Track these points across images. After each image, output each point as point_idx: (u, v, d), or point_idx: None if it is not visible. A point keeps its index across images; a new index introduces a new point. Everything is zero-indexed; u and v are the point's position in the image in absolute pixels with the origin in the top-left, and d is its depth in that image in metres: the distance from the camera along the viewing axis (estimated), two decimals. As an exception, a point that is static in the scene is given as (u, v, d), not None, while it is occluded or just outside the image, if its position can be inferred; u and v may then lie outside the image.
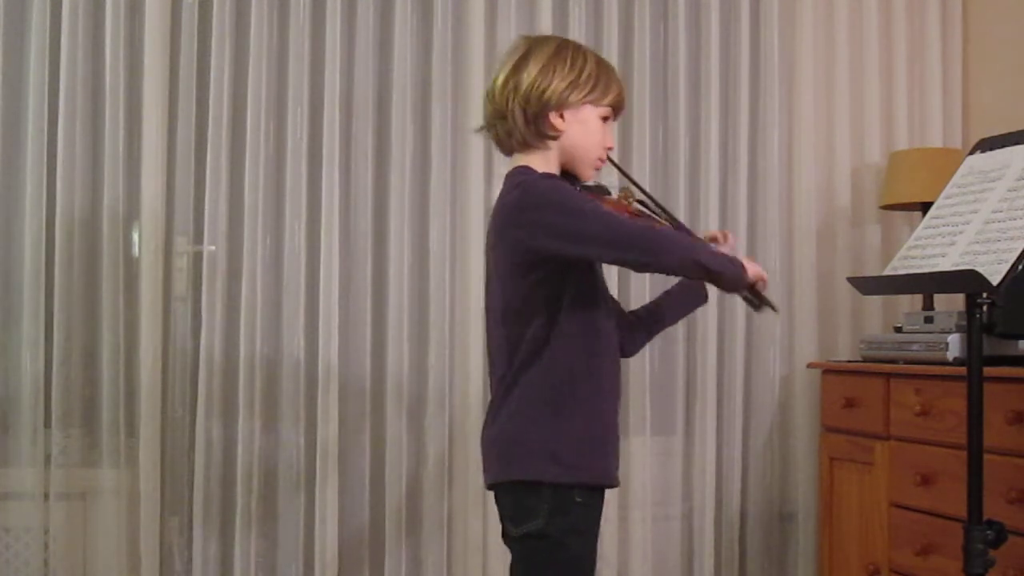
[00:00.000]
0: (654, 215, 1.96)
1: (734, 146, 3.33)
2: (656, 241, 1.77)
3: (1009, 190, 1.86)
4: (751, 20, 3.35)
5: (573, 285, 1.83)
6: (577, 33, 3.20)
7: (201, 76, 3.02)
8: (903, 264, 1.98)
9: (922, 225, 2.02)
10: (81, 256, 2.94)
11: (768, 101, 3.35)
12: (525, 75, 1.84)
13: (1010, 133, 1.98)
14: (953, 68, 3.44)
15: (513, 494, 1.83)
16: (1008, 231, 1.78)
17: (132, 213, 3.00)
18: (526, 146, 1.88)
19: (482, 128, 1.95)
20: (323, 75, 3.07)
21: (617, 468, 1.91)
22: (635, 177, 2.23)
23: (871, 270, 3.31)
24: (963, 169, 2.02)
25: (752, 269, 1.85)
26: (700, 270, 1.80)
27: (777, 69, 3.34)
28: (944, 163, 2.96)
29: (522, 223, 1.79)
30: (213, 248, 3.03)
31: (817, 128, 3.37)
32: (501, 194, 1.89)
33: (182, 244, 3.05)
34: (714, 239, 2.03)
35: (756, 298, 1.90)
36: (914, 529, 2.67)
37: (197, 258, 3.04)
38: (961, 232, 1.88)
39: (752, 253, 3.33)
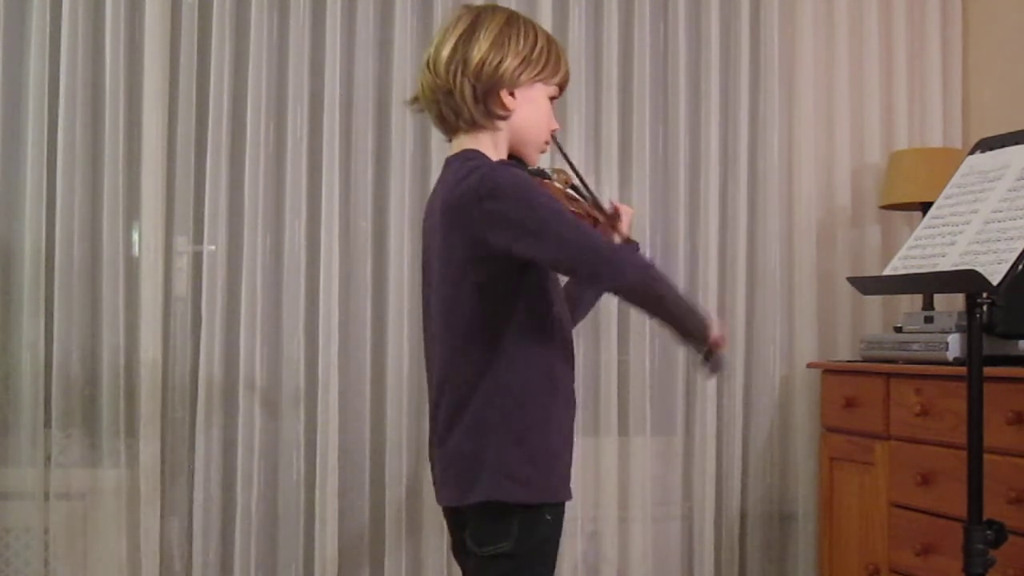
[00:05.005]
0: (584, 199, 1.87)
1: (734, 146, 3.33)
2: (618, 260, 1.66)
3: (1009, 190, 1.85)
4: (751, 20, 3.35)
5: (529, 282, 1.70)
6: (577, 33, 3.20)
7: (201, 76, 3.02)
8: (903, 264, 1.98)
9: (922, 225, 2.02)
10: (81, 256, 2.94)
11: (768, 101, 3.34)
12: (475, 48, 1.70)
13: (1010, 133, 1.98)
14: (953, 68, 3.44)
15: (479, 516, 1.71)
16: (1008, 231, 1.78)
17: (132, 213, 3.00)
18: (474, 126, 1.75)
19: (416, 101, 1.81)
20: (323, 75, 3.07)
21: (569, 478, 1.78)
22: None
23: (871, 270, 3.31)
24: (963, 169, 2.02)
25: (717, 330, 1.71)
26: (657, 306, 1.68)
27: (777, 69, 3.34)
28: (944, 163, 2.96)
29: (481, 211, 1.64)
30: (213, 248, 3.03)
31: (817, 128, 3.36)
32: (449, 179, 1.74)
33: (182, 244, 3.05)
34: (618, 212, 1.89)
35: (709, 360, 1.73)
36: (914, 529, 2.67)
37: (197, 258, 3.04)
38: (961, 232, 1.88)
39: (752, 253, 3.33)
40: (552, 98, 1.81)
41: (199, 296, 3.01)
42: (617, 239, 1.89)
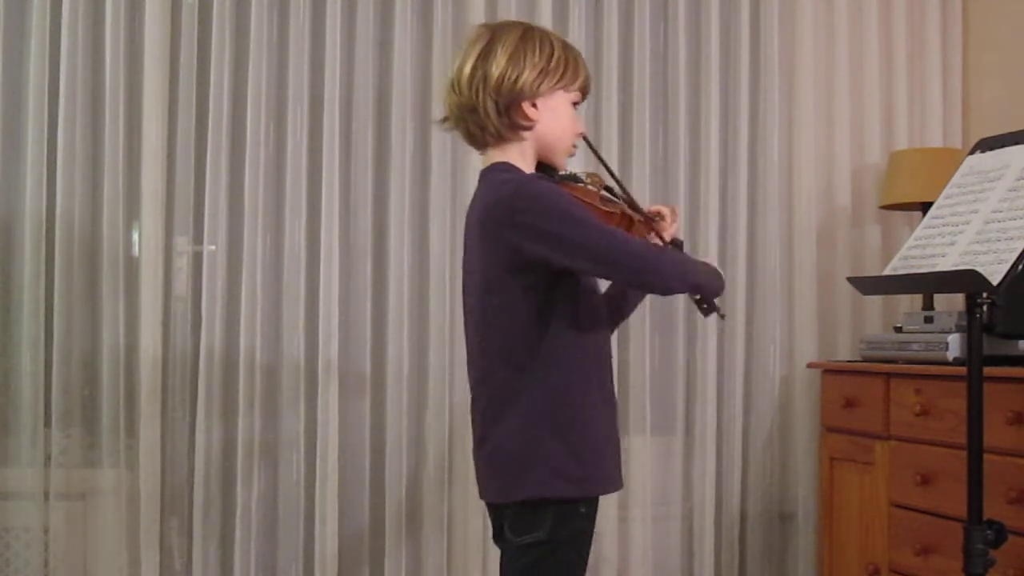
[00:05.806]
0: (620, 200, 1.93)
1: (734, 146, 3.33)
2: (654, 261, 1.75)
3: (1009, 190, 1.86)
4: (751, 20, 3.35)
5: (565, 287, 1.78)
6: (577, 33, 3.20)
7: (201, 76, 3.02)
8: (903, 264, 1.98)
9: (922, 225, 2.02)
10: (81, 256, 2.94)
11: (768, 101, 3.35)
12: (494, 65, 1.78)
13: (1010, 133, 1.98)
14: (953, 67, 3.44)
15: (519, 508, 1.78)
16: (1008, 231, 1.78)
17: (132, 213, 3.00)
18: (501, 139, 1.82)
19: (445, 120, 1.88)
20: (323, 75, 3.07)
21: (619, 469, 1.88)
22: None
23: (871, 270, 3.31)
24: (963, 169, 2.02)
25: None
26: (695, 290, 1.85)
27: (777, 69, 3.34)
28: (944, 163, 2.96)
29: (516, 224, 1.72)
30: (213, 248, 3.03)
31: (817, 128, 3.36)
32: (484, 192, 1.82)
33: (182, 244, 3.05)
34: (659, 214, 2.00)
35: (709, 304, 1.92)
36: (914, 529, 2.67)
37: (197, 258, 3.05)
38: (961, 232, 1.88)
39: (752, 253, 3.34)
40: (575, 103, 1.87)
41: (199, 296, 3.01)
42: (657, 240, 1.98)
